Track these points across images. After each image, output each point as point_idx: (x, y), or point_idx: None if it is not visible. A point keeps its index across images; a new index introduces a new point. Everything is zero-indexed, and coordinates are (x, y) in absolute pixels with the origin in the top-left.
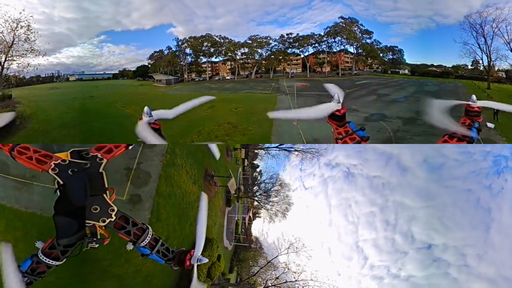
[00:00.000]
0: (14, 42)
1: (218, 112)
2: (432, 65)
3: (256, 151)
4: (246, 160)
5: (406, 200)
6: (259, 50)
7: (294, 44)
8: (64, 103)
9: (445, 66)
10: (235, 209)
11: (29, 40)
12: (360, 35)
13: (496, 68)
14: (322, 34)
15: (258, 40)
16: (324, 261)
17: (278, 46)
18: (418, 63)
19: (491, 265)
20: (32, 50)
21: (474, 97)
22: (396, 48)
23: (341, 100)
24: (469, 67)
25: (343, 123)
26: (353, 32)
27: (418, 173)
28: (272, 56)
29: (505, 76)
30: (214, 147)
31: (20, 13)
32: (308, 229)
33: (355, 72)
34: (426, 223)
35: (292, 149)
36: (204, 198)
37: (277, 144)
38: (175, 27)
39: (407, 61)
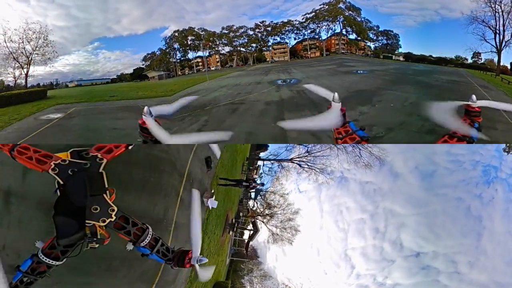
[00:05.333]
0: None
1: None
2: (430, 56)
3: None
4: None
5: (396, 207)
6: (240, 41)
7: (272, 32)
8: (73, 92)
9: (445, 57)
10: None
11: (46, 48)
12: (347, 11)
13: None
14: (301, 20)
15: (233, 29)
16: (313, 261)
17: (257, 35)
18: (417, 54)
19: (483, 272)
20: (47, 58)
21: (474, 97)
22: (391, 33)
23: (340, 100)
24: (469, 60)
25: (343, 123)
26: (337, 9)
27: (410, 180)
28: (252, 44)
29: (510, 68)
30: (215, 147)
31: (42, 27)
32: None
33: (342, 51)
34: (416, 231)
35: (302, 164)
36: (196, 195)
37: (289, 158)
38: (168, 27)
39: (404, 52)
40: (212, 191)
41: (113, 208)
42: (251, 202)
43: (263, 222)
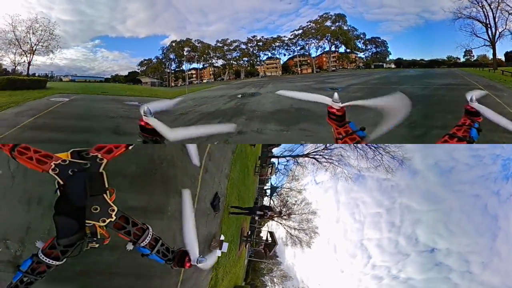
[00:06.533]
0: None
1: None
2: (422, 60)
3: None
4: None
5: (413, 203)
6: (234, 54)
7: (262, 47)
8: (67, 86)
9: (436, 59)
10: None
11: (51, 41)
12: (331, 24)
13: (491, 58)
14: (289, 37)
15: (227, 43)
16: (329, 258)
17: (250, 50)
18: (407, 59)
19: (496, 274)
20: (50, 50)
21: (474, 97)
22: (379, 40)
23: (339, 100)
24: (461, 59)
25: (343, 123)
26: (324, 27)
27: (428, 176)
28: (244, 58)
29: (504, 59)
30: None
31: (50, 22)
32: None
33: (333, 69)
34: (431, 227)
35: (319, 157)
36: (186, 195)
37: (305, 153)
38: (168, 36)
39: (395, 58)
40: (222, 237)
41: (113, 208)
42: (266, 200)
43: (280, 223)
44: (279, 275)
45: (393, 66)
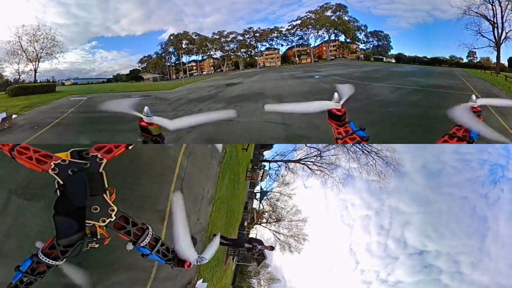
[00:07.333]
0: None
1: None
2: (424, 57)
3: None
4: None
5: (402, 205)
6: (232, 46)
7: (259, 38)
8: (73, 88)
9: (438, 57)
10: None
11: (53, 48)
12: (332, 14)
13: (493, 61)
14: (287, 27)
15: (224, 35)
16: (318, 262)
17: (247, 41)
18: (408, 55)
19: (486, 273)
20: (53, 57)
21: (473, 97)
22: (382, 34)
23: (341, 100)
24: (464, 59)
25: (343, 123)
26: (324, 17)
27: (416, 178)
28: (242, 50)
29: (508, 65)
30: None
31: (51, 29)
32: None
33: (331, 58)
34: (420, 229)
35: (310, 164)
36: (178, 197)
37: (297, 158)
38: (165, 31)
39: (397, 53)
40: (199, 282)
41: (113, 208)
42: (255, 203)
43: (269, 229)
44: (267, 277)
45: (393, 60)
